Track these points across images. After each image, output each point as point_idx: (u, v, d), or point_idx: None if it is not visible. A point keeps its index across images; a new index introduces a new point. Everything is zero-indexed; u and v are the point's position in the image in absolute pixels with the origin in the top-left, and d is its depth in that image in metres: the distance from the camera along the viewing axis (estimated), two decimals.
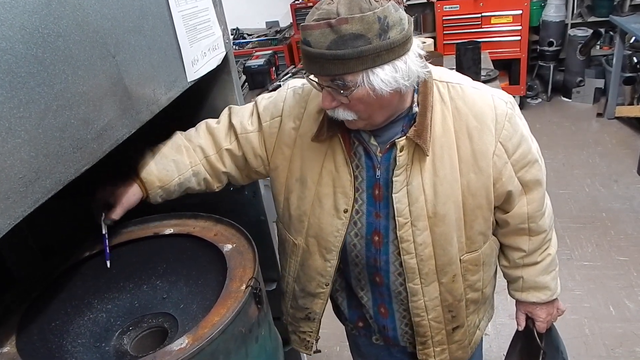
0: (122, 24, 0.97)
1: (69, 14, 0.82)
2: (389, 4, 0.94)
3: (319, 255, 1.27)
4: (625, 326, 2.54)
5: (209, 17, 1.30)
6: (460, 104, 1.12)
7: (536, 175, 1.21)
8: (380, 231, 1.21)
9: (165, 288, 1.24)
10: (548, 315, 1.42)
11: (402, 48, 0.97)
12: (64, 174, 0.80)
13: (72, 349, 1.10)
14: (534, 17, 4.84)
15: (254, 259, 1.12)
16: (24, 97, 0.72)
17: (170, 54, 1.15)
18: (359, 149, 1.17)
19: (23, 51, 0.72)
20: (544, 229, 1.29)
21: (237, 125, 1.27)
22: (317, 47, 0.94)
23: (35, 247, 1.52)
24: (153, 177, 1.19)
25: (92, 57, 0.87)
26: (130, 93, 0.98)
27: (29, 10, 0.74)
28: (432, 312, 1.27)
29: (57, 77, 0.79)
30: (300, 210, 1.25)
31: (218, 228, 1.26)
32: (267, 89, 3.70)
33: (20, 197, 0.71)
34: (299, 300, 1.39)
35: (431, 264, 1.20)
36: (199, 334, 0.93)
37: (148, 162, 1.20)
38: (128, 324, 1.18)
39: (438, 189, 1.13)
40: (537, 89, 5.24)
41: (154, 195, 1.21)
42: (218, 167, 1.28)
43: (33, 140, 0.74)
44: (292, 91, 1.26)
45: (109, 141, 0.91)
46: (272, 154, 1.26)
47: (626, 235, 3.18)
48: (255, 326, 1.05)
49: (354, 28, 0.91)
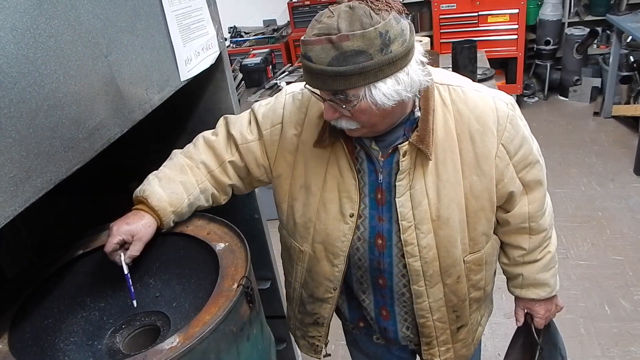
0: (114, 23, 0.97)
1: (61, 14, 0.83)
2: (391, 17, 0.92)
3: (326, 261, 1.26)
4: (620, 326, 2.55)
5: (202, 16, 1.31)
6: (462, 106, 1.12)
7: (537, 175, 1.21)
8: (383, 234, 1.21)
9: (158, 286, 1.24)
10: (547, 311, 1.43)
11: (404, 60, 0.96)
12: (55, 173, 0.80)
13: (65, 347, 1.11)
14: (530, 15, 4.85)
15: (246, 257, 1.13)
16: (14, 96, 0.73)
17: (163, 54, 1.15)
18: (361, 153, 1.17)
19: (14, 51, 0.73)
20: (544, 228, 1.29)
21: (236, 135, 1.26)
22: (318, 63, 0.93)
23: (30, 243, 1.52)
24: (165, 204, 1.18)
25: (84, 57, 0.88)
26: (123, 92, 0.99)
27: (20, 10, 0.74)
28: (437, 313, 1.28)
29: (49, 77, 0.79)
30: (305, 217, 1.24)
31: (211, 227, 1.27)
32: (264, 87, 3.70)
33: (11, 196, 0.71)
34: (307, 306, 1.38)
35: (435, 266, 1.20)
36: (190, 332, 0.94)
37: (155, 189, 1.19)
38: (121, 322, 1.18)
39: (441, 192, 1.13)
40: (533, 87, 5.25)
41: (168, 221, 1.20)
42: (223, 180, 1.28)
43: (24, 139, 0.74)
44: (291, 97, 1.24)
45: (101, 140, 0.92)
46: (275, 162, 1.25)
47: (622, 234, 3.19)
48: (246, 325, 1.06)
49: (355, 45, 0.90)
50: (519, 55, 4.75)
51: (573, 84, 5.05)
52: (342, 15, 0.92)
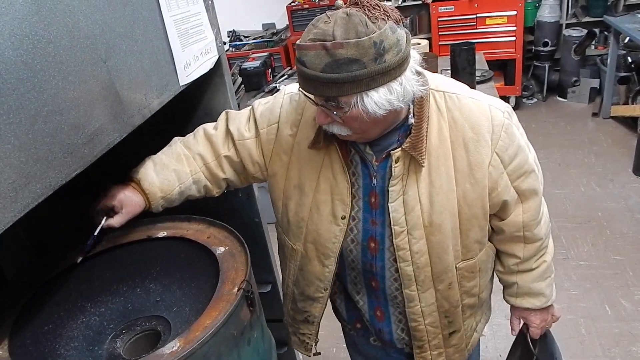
0: (113, 29, 0.97)
1: (60, 20, 0.83)
2: (387, 27, 0.92)
3: (317, 261, 1.27)
4: (621, 326, 2.55)
5: (201, 21, 1.31)
6: (456, 114, 1.12)
7: (532, 185, 1.20)
8: (376, 238, 1.21)
9: (158, 291, 1.24)
10: (542, 321, 1.41)
11: (398, 70, 0.96)
12: (55, 178, 0.80)
13: (65, 353, 1.11)
14: (528, 17, 4.86)
15: (247, 261, 1.13)
16: (13, 103, 0.73)
17: (162, 59, 1.15)
18: (355, 157, 1.17)
19: (13, 57, 0.73)
20: (539, 237, 1.28)
21: (234, 131, 1.26)
22: (311, 68, 0.93)
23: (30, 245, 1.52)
24: (155, 188, 1.19)
25: (82, 62, 0.88)
26: (122, 98, 0.99)
27: (18, 17, 0.74)
28: (429, 318, 1.28)
29: (48, 83, 0.79)
30: (298, 216, 1.25)
31: (211, 231, 1.27)
32: (263, 91, 3.71)
33: (10, 202, 0.71)
34: (299, 303, 1.40)
35: (427, 272, 1.21)
36: (191, 337, 0.94)
37: (149, 172, 1.20)
38: (121, 327, 1.18)
39: (434, 199, 1.13)
40: (532, 89, 5.26)
41: (156, 205, 1.21)
42: (217, 174, 1.28)
43: (23, 145, 0.74)
44: (288, 97, 1.25)
45: (100, 146, 0.92)
46: (270, 161, 1.26)
47: (622, 234, 3.19)
48: (247, 329, 1.06)
49: (349, 53, 0.90)
50: (517, 56, 4.76)
51: (571, 85, 5.06)
52: (338, 22, 0.92)
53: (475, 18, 4.66)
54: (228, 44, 5.29)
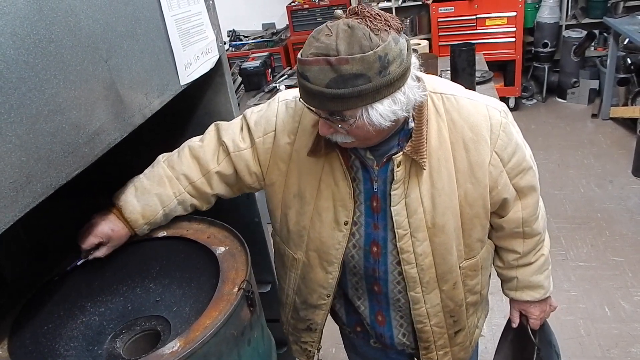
0: (114, 28, 0.97)
1: (61, 20, 0.83)
2: (390, 39, 0.91)
3: (320, 268, 1.27)
4: (620, 327, 2.55)
5: (202, 20, 1.31)
6: (455, 115, 1.12)
7: (530, 181, 1.21)
8: (378, 242, 1.21)
9: (158, 291, 1.24)
10: (541, 312, 1.44)
11: (401, 80, 0.95)
12: (55, 178, 0.80)
13: (65, 353, 1.10)
14: (528, 18, 4.87)
15: (247, 261, 1.13)
16: (15, 102, 0.72)
17: (163, 58, 1.15)
18: (356, 162, 1.17)
19: (14, 57, 0.73)
20: (538, 232, 1.30)
21: (228, 143, 1.23)
22: (315, 84, 0.92)
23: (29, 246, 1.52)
24: (137, 215, 1.18)
25: (84, 62, 0.88)
26: (123, 97, 0.99)
27: (20, 16, 0.74)
28: (434, 318, 1.28)
29: (49, 82, 0.79)
30: (299, 225, 1.24)
31: (211, 230, 1.27)
32: (263, 91, 3.71)
33: (11, 201, 0.71)
34: (301, 312, 1.39)
35: (432, 273, 1.21)
36: (191, 337, 0.94)
37: (130, 199, 1.19)
38: (121, 327, 1.18)
39: (436, 201, 1.14)
40: (532, 90, 5.26)
41: (141, 230, 1.21)
42: (205, 191, 1.26)
43: (24, 145, 0.74)
44: (284, 105, 1.22)
45: (101, 145, 0.92)
46: (268, 170, 1.24)
47: (621, 235, 3.19)
48: (247, 329, 1.05)
49: (354, 68, 0.89)
50: (517, 57, 4.77)
51: (571, 86, 5.06)
52: (340, 35, 0.90)
53: (475, 19, 4.66)
54: (228, 44, 5.29)
